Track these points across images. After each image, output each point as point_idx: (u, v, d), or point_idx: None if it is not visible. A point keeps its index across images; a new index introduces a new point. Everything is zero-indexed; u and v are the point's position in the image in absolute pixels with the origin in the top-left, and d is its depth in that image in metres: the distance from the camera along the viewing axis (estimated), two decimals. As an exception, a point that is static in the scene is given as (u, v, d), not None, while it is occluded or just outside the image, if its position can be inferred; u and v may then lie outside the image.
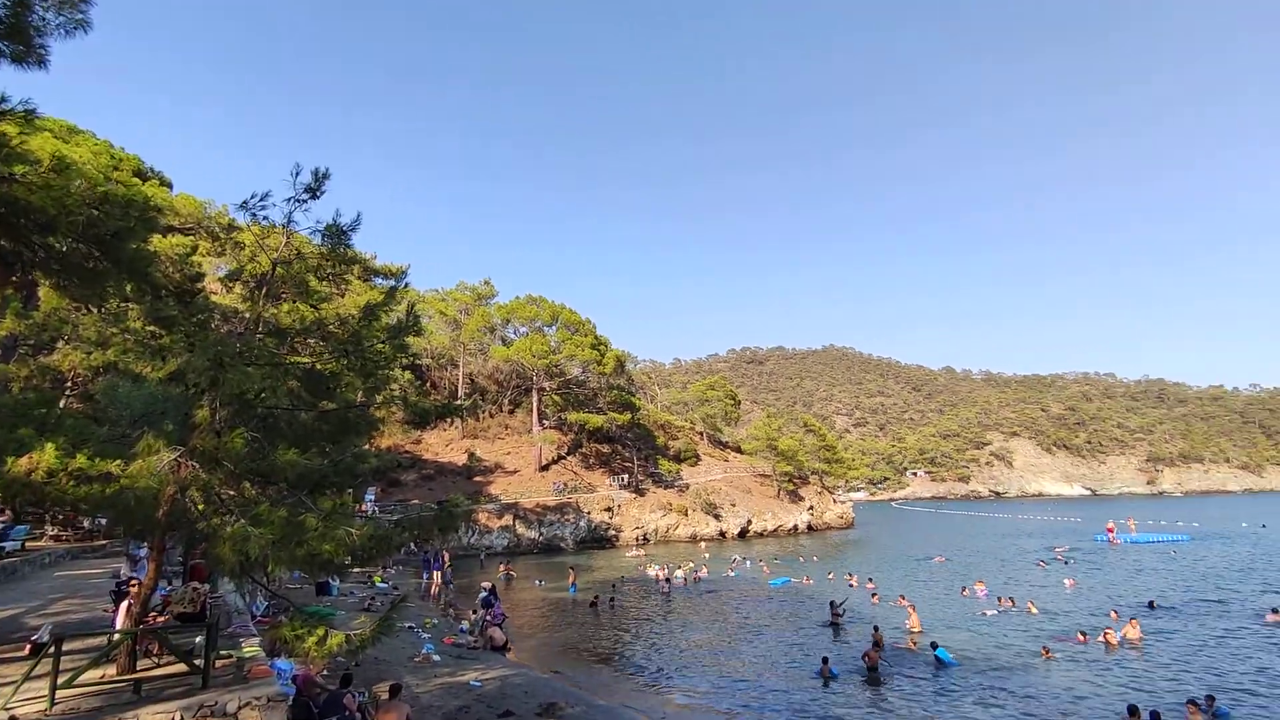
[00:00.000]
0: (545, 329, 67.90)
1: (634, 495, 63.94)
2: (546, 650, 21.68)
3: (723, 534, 65.23)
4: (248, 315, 12.11)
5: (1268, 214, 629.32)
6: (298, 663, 11.88)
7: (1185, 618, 24.93)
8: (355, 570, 30.19)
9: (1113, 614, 24.33)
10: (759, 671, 19.07)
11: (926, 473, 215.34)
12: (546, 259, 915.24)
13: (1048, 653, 19.64)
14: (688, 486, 69.28)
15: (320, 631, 8.64)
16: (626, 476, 66.85)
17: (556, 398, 68.82)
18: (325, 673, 13.21)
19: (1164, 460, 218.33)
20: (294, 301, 12.42)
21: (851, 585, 33.40)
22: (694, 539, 62.53)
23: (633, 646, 22.19)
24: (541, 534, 55.33)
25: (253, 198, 10.72)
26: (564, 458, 67.55)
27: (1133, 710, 13.59)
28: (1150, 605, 26.89)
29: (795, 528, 72.61)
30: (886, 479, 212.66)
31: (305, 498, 9.36)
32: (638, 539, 59.85)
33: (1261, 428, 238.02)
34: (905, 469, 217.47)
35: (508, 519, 54.60)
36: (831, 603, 25.45)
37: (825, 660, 18.52)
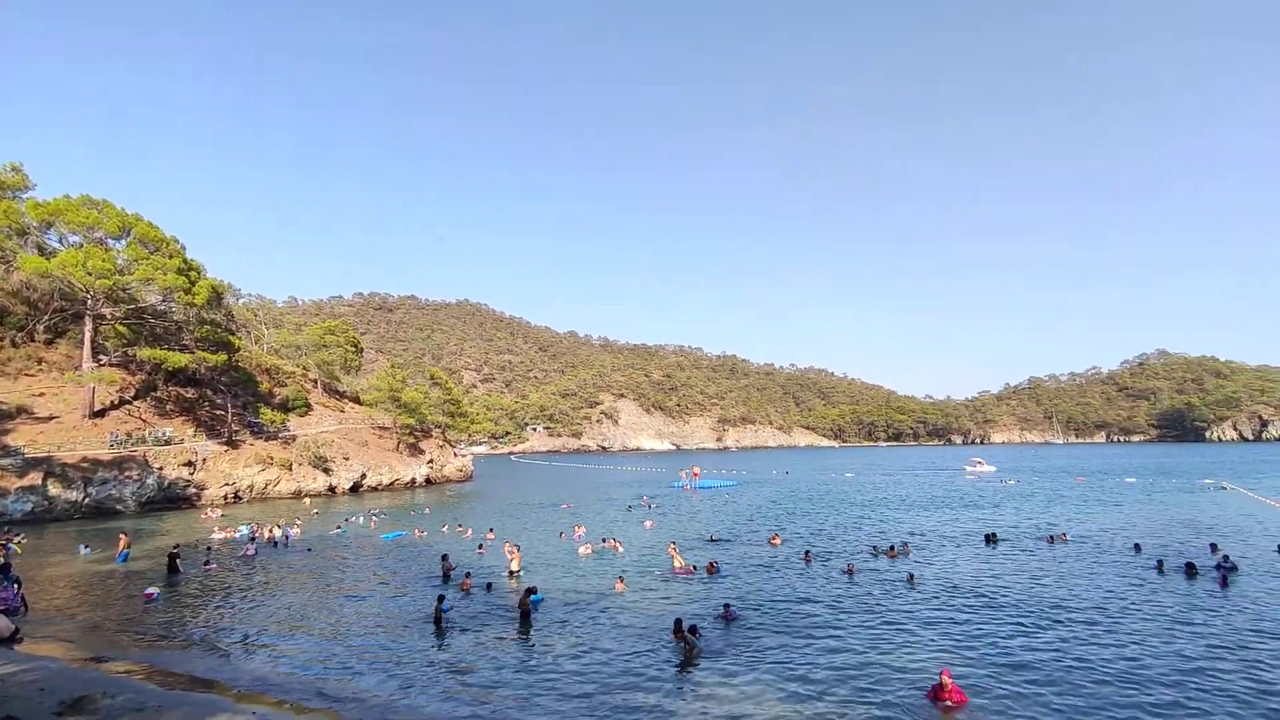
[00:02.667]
0: (110, 242, 55.91)
1: (225, 448, 57.86)
2: (87, 634, 18.72)
3: (333, 489, 63.47)
4: None
5: (805, 214, 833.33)
6: None
7: (732, 546, 32.97)
8: None
9: (671, 547, 29.30)
10: (364, 628, 19.03)
11: (545, 428, 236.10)
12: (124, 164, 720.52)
13: (621, 583, 23.92)
14: (295, 438, 65.24)
15: None
16: (218, 426, 59.95)
17: (123, 329, 57.62)
18: None
19: (730, 421, 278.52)
20: None
21: (466, 536, 36.43)
22: (299, 495, 59.60)
23: (208, 618, 20.61)
24: (89, 495, 46.66)
25: None
26: (129, 402, 57.28)
27: (677, 624, 17.29)
28: (711, 539, 34.96)
29: (413, 481, 74.28)
30: (509, 433, 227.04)
31: None
32: (227, 497, 54.67)
33: (794, 398, 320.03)
34: (526, 424, 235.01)
35: (34, 477, 44.68)
36: (444, 556, 26.85)
37: (441, 598, 20.00)
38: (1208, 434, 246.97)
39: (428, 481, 77.53)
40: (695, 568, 26.64)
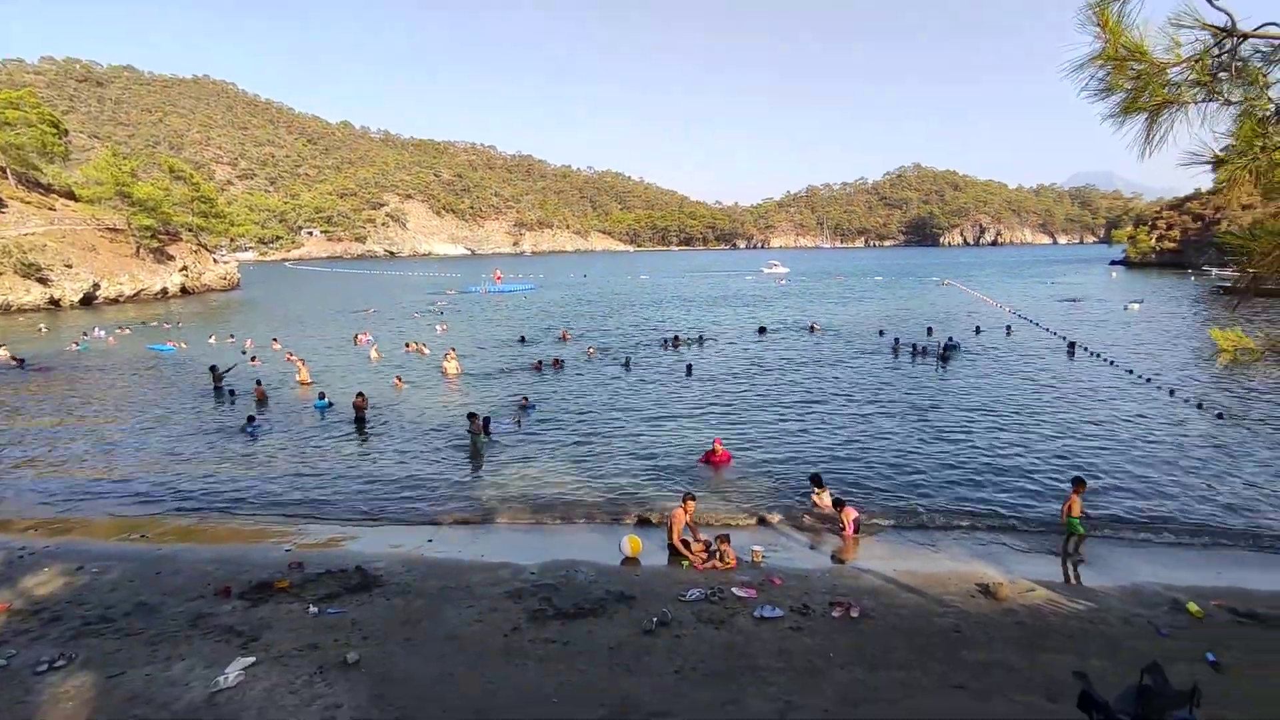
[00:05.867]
0: None
1: (-114, 255, 46.26)
2: None
3: (56, 302, 54.40)
4: None
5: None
6: None
7: (533, 346, 33.73)
8: None
9: (450, 353, 28.82)
10: (130, 447, 17.92)
11: (323, 232, 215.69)
12: None
13: (400, 382, 24.64)
14: (-11, 243, 53.64)
15: None
16: None
17: None
18: None
19: (526, 225, 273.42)
20: None
21: (248, 346, 33.76)
22: (7, 310, 50.50)
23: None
24: None
25: None
26: None
27: (471, 415, 17.67)
28: (522, 340, 35.56)
29: (165, 291, 65.74)
30: (279, 238, 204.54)
31: None
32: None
33: (591, 202, 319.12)
34: (300, 228, 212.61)
35: None
36: (212, 367, 25.00)
37: (251, 419, 19.01)
38: (942, 240, 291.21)
39: (184, 291, 69.06)
40: (541, 364, 27.85)
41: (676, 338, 34.84)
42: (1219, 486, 13.81)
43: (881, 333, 36.35)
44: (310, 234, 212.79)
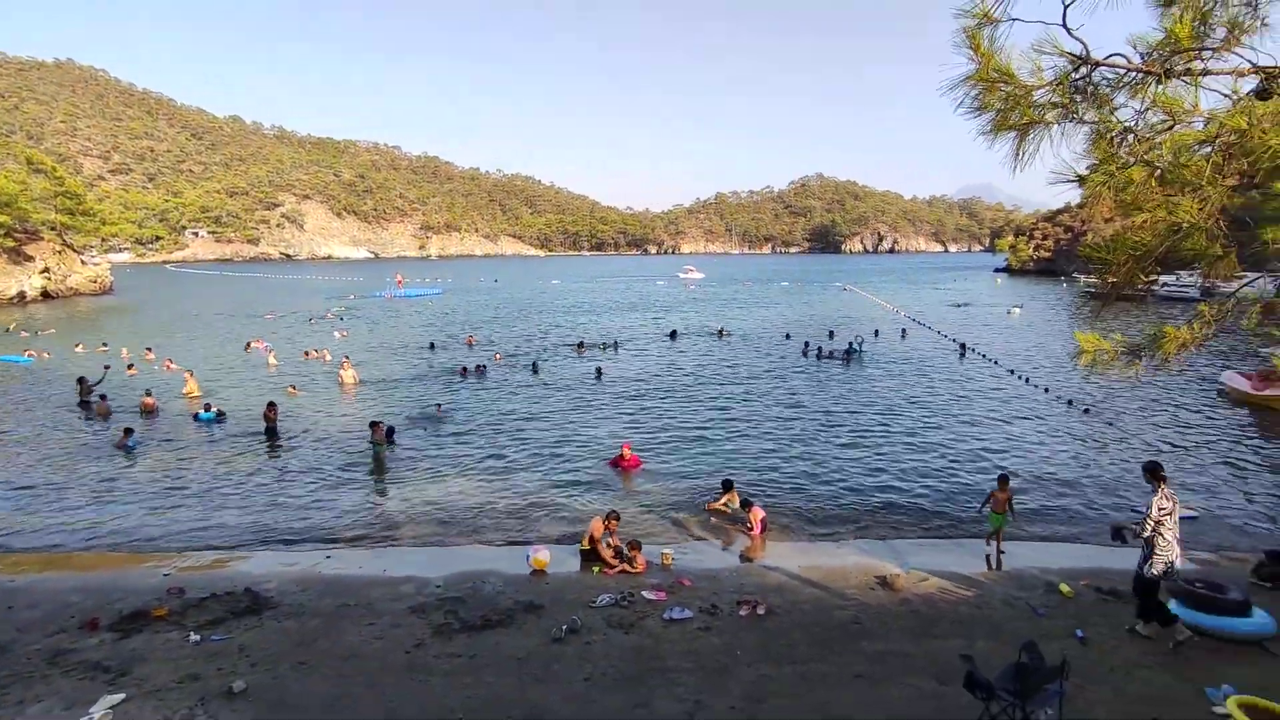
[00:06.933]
0: None
1: None
2: None
3: (-111, 308, 48.53)
4: None
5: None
6: None
7: (449, 353, 33.25)
8: None
9: (345, 362, 27.24)
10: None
11: (210, 233, 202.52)
12: None
13: (293, 390, 23.74)
14: None
15: None
16: None
17: None
18: None
19: (433, 229, 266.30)
20: None
21: (123, 358, 31.03)
22: None
23: None
24: None
25: None
26: None
27: (374, 425, 16.60)
28: (431, 346, 34.70)
29: (22, 296, 59.96)
30: (160, 239, 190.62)
31: None
32: None
33: (500, 206, 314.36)
34: (184, 228, 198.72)
35: None
36: (80, 379, 22.81)
37: (129, 431, 17.54)
38: (843, 247, 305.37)
39: (46, 295, 63.14)
40: (466, 370, 27.50)
41: (582, 342, 34.99)
42: (1087, 475, 15.08)
43: (788, 336, 37.66)
44: (196, 235, 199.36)
